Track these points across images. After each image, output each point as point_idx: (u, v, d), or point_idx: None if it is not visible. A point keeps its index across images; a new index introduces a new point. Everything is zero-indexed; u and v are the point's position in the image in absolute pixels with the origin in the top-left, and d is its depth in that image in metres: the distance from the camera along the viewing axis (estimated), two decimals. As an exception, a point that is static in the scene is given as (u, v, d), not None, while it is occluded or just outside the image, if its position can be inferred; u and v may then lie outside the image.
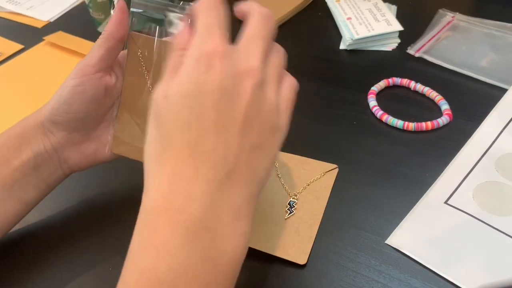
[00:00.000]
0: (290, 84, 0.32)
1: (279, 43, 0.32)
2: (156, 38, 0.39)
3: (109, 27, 0.39)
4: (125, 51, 0.41)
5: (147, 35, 0.40)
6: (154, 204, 0.27)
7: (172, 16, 0.37)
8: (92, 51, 0.39)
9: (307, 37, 0.66)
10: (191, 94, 0.27)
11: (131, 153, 0.41)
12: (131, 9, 0.39)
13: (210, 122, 0.27)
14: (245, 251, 0.28)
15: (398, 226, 0.41)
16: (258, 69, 0.29)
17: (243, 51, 0.29)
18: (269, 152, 0.30)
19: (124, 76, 0.41)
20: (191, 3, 0.38)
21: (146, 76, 0.40)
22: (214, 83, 0.27)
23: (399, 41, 0.62)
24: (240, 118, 0.28)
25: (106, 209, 0.45)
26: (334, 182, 0.45)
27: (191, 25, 0.31)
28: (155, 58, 0.40)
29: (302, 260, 0.38)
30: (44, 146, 0.40)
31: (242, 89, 0.28)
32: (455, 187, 0.43)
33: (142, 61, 0.40)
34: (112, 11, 0.39)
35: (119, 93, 0.42)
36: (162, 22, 0.39)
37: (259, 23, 0.31)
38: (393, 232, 0.40)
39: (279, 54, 0.31)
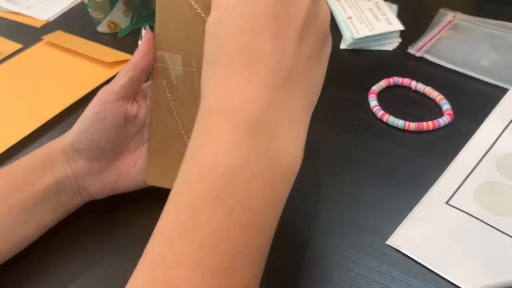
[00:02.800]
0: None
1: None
2: (182, 68, 0.39)
3: (135, 58, 0.38)
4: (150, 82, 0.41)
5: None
6: (210, 106, 0.27)
7: None
8: (115, 79, 0.39)
9: (307, 37, 0.66)
10: (245, 1, 0.27)
11: (166, 183, 0.40)
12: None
13: (264, 27, 0.27)
14: (300, 159, 0.28)
15: (399, 226, 0.40)
16: None
17: None
18: (322, 63, 0.30)
19: (151, 109, 0.41)
20: None
21: (173, 106, 0.40)
22: None
23: (400, 40, 0.62)
24: (298, 24, 0.27)
25: (107, 209, 0.45)
26: (334, 182, 0.45)
27: None
28: (182, 88, 0.39)
29: None
30: (65, 173, 0.40)
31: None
32: (456, 187, 0.43)
33: (167, 92, 0.40)
34: (139, 41, 0.39)
35: (141, 124, 0.42)
36: None
37: None
38: (393, 233, 0.40)
39: None
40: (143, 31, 0.39)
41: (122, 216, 0.44)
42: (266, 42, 0.27)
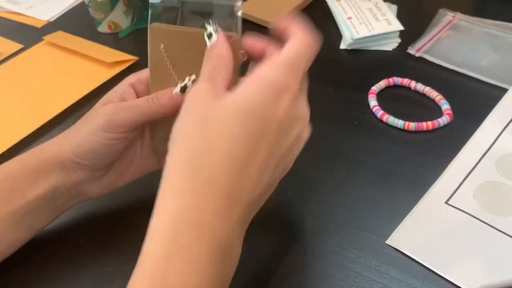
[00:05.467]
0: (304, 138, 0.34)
1: (279, 44, 0.32)
2: (180, 29, 0.36)
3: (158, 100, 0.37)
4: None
5: (168, 26, 0.36)
6: (185, 212, 0.26)
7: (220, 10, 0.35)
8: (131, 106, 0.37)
9: (307, 37, 0.66)
10: (255, 113, 0.27)
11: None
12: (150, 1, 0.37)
13: (256, 149, 0.28)
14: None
15: (399, 226, 0.40)
16: (306, 120, 0.32)
17: (304, 100, 0.32)
18: (272, 189, 0.32)
19: (150, 74, 0.38)
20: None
21: (172, 71, 0.37)
22: (278, 116, 0.28)
23: (399, 40, 0.62)
24: (279, 156, 0.29)
25: (107, 209, 0.45)
26: (334, 181, 0.45)
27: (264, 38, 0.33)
28: (181, 51, 0.37)
29: None
30: (64, 182, 0.38)
31: (292, 132, 0.30)
32: (456, 187, 0.43)
33: (165, 56, 0.37)
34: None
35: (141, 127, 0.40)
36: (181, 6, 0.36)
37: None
38: (393, 232, 0.40)
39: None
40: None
41: (122, 216, 0.44)
42: (253, 163, 0.28)
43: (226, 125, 0.27)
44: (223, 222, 0.26)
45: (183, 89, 0.36)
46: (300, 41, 0.31)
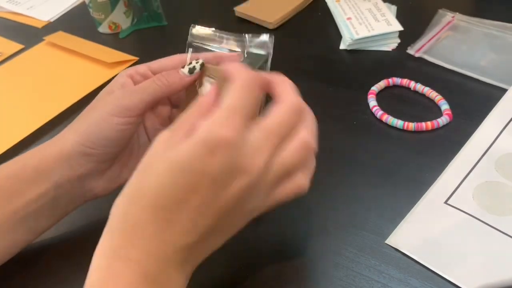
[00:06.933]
0: (298, 181, 0.31)
1: (279, 43, 0.32)
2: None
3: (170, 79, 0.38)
4: None
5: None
6: (116, 249, 0.29)
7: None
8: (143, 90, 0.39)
9: (307, 37, 0.67)
10: (183, 169, 0.28)
11: None
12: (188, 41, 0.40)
13: (185, 199, 0.28)
14: None
15: (398, 226, 0.41)
16: (257, 170, 0.29)
17: (253, 146, 0.29)
18: (227, 235, 0.32)
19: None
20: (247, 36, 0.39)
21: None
22: (208, 171, 0.28)
23: (399, 41, 0.62)
24: (217, 206, 0.29)
25: (107, 210, 0.45)
26: (334, 182, 0.45)
27: (219, 87, 0.32)
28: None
29: None
30: (68, 179, 0.38)
31: (234, 183, 0.29)
32: (455, 187, 0.43)
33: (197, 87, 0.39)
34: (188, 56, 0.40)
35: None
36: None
37: (283, 115, 0.31)
38: (393, 232, 0.40)
39: (299, 153, 0.31)
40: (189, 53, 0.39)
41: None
42: (183, 212, 0.28)
43: (157, 177, 0.29)
44: (152, 258, 0.28)
45: (191, 71, 0.37)
46: (282, 106, 0.31)
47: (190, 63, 0.38)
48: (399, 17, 0.64)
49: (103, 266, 0.29)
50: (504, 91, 0.52)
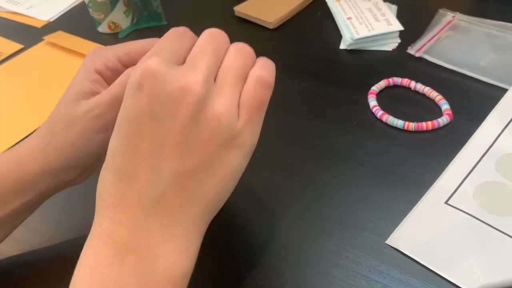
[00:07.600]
0: (256, 80, 0.28)
1: (279, 44, 0.32)
2: None
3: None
4: None
5: None
6: (93, 226, 0.29)
7: None
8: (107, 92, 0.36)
9: (307, 37, 0.66)
10: (122, 118, 0.27)
11: None
12: None
13: (135, 149, 0.27)
14: (185, 267, 0.29)
15: (399, 226, 0.41)
16: (199, 83, 0.26)
17: (183, 68, 0.27)
18: (218, 174, 0.28)
19: None
20: None
21: None
22: (143, 107, 0.26)
23: (399, 41, 0.62)
24: (172, 142, 0.26)
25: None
26: (334, 182, 0.45)
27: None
28: None
29: None
30: (54, 185, 0.37)
31: (177, 109, 0.26)
32: (456, 187, 0.43)
33: None
34: None
35: None
36: None
37: (204, 40, 0.29)
38: (393, 232, 0.40)
39: (238, 55, 0.29)
40: None
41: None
42: (137, 164, 0.27)
43: (111, 140, 0.28)
44: (123, 226, 0.27)
45: None
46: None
47: None
48: (400, 17, 0.64)
49: (84, 250, 0.29)
50: (504, 91, 0.52)
